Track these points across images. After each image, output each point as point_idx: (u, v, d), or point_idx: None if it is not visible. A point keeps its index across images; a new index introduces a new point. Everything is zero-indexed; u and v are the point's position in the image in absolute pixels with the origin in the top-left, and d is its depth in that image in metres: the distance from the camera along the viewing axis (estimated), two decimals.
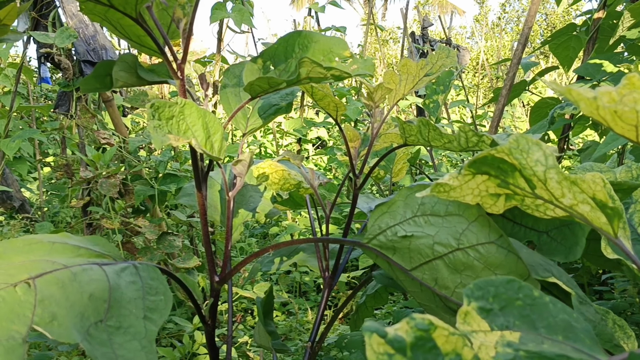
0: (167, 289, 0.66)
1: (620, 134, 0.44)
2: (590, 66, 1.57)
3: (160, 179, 1.77)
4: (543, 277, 0.62)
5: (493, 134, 1.12)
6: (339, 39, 0.83)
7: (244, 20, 2.66)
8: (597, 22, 1.65)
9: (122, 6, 0.71)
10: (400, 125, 0.85)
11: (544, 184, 0.53)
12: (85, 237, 0.70)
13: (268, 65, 0.86)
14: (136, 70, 0.84)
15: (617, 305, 1.46)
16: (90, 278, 0.59)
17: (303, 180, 0.98)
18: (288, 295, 2.42)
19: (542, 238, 0.76)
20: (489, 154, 0.55)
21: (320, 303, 1.01)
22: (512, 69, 1.11)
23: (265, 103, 0.97)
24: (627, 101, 0.41)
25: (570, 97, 0.43)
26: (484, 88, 10.81)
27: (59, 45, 1.67)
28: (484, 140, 0.74)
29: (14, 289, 0.52)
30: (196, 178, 0.84)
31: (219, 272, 0.87)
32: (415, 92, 4.53)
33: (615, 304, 1.47)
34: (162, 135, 0.70)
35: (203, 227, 0.85)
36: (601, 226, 0.53)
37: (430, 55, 0.99)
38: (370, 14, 3.84)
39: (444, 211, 0.66)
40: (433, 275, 0.65)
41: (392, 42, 21.13)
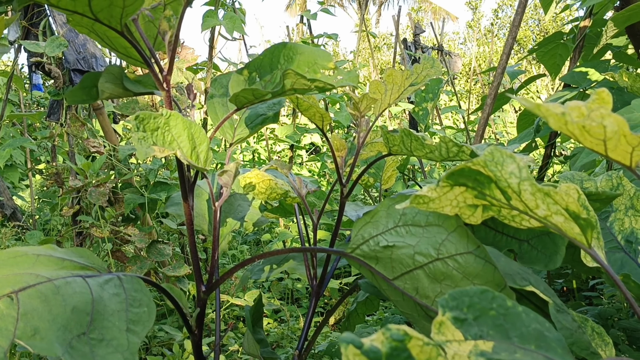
0: (150, 300, 0.66)
1: (589, 148, 0.45)
2: (576, 74, 1.58)
3: (151, 187, 1.77)
4: (521, 286, 0.63)
5: (478, 142, 1.14)
6: (323, 51, 0.84)
7: (235, 28, 2.67)
8: (583, 30, 1.67)
9: (107, 20, 0.72)
10: (384, 136, 0.87)
11: (518, 195, 0.54)
12: (70, 249, 0.71)
13: (254, 76, 0.87)
14: (122, 82, 0.85)
15: (604, 311, 1.47)
16: (74, 291, 0.60)
17: (290, 190, 0.99)
18: (280, 302, 2.43)
19: (523, 246, 0.78)
20: (466, 166, 0.56)
21: (309, 311, 1.01)
22: (496, 79, 1.12)
23: (252, 113, 0.98)
24: (594, 116, 0.43)
25: (539, 112, 0.44)
26: (476, 94, 10.86)
27: (49, 54, 1.68)
28: (464, 151, 0.75)
29: None
30: (182, 188, 0.85)
31: (206, 282, 0.88)
32: (408, 98, 4.55)
33: (603, 310, 1.48)
34: (146, 147, 0.71)
35: (190, 237, 0.86)
36: (575, 237, 0.54)
37: (415, 65, 1.00)
38: (362, 21, 3.86)
39: (425, 221, 0.67)
40: (414, 285, 0.66)
41: (385, 48, 21.21)
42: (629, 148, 0.44)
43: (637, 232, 0.80)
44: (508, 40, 1.13)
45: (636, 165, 0.46)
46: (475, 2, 22.71)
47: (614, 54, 1.76)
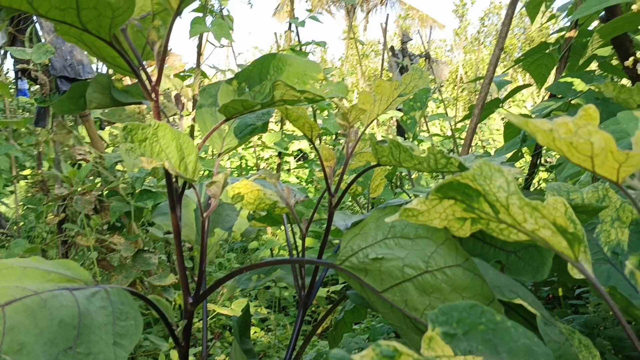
0: (137, 313, 0.66)
1: (576, 164, 0.46)
2: (561, 84, 1.60)
3: (137, 195, 1.76)
4: (509, 299, 0.64)
5: (466, 152, 1.14)
6: (312, 62, 0.84)
7: (223, 35, 2.66)
8: (569, 41, 1.69)
9: (96, 30, 0.71)
10: (372, 147, 0.87)
11: (506, 209, 0.54)
12: (57, 261, 0.70)
13: (243, 86, 0.87)
14: (110, 92, 0.84)
15: (590, 319, 1.49)
16: (61, 304, 0.59)
17: (279, 200, 0.99)
18: (267, 311, 2.42)
19: (511, 258, 0.78)
20: (455, 179, 0.56)
21: (297, 322, 1.01)
22: (483, 89, 1.13)
23: (241, 123, 0.98)
24: (582, 133, 0.43)
25: (527, 128, 0.44)
26: (463, 101, 10.93)
27: (35, 61, 1.66)
28: (452, 162, 0.75)
29: None
30: (170, 199, 0.85)
31: (193, 293, 0.87)
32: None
33: (589, 319, 1.49)
34: (134, 158, 0.70)
35: (177, 249, 0.85)
36: (562, 250, 0.55)
37: (404, 76, 1.01)
38: (350, 29, 3.87)
39: (414, 234, 0.67)
40: (403, 297, 0.66)
41: (373, 55, 21.30)
42: (615, 164, 0.44)
43: (623, 244, 0.81)
44: (495, 52, 1.14)
45: (623, 181, 0.46)
46: (461, 11, 22.90)
47: (600, 64, 1.78)
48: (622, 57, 1.28)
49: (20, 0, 0.64)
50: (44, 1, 0.64)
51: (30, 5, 0.65)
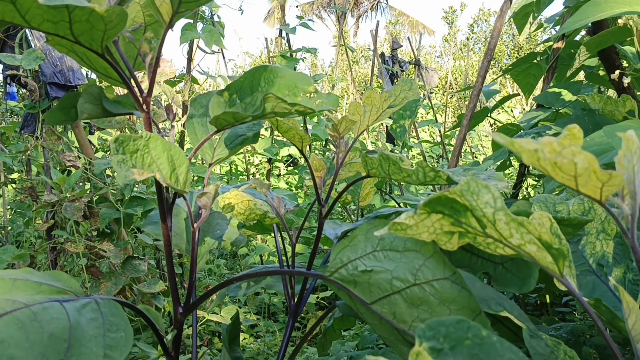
0: (127, 325, 0.66)
1: (560, 183, 0.47)
2: (549, 94, 1.62)
3: (127, 201, 1.76)
4: (495, 311, 0.65)
5: (454, 162, 1.16)
6: (303, 75, 0.85)
7: (214, 41, 2.67)
8: (556, 51, 1.71)
9: (88, 42, 0.72)
10: (362, 158, 0.88)
11: (493, 224, 0.55)
12: (47, 273, 0.70)
13: (234, 98, 0.87)
14: (101, 102, 0.85)
15: (576, 328, 1.50)
16: (51, 317, 0.60)
17: (269, 210, 1.00)
18: (257, 317, 2.42)
19: (498, 269, 0.79)
20: (443, 195, 0.57)
21: (286, 330, 1.02)
22: (472, 100, 1.15)
23: (231, 133, 0.99)
24: (565, 153, 0.44)
25: (512, 148, 0.46)
26: (453, 107, 10.99)
27: (25, 67, 1.66)
28: (440, 176, 0.76)
29: None
30: (161, 210, 0.85)
31: (183, 303, 0.87)
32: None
33: (575, 327, 1.50)
34: (125, 170, 0.71)
35: (167, 260, 0.86)
36: (547, 265, 0.56)
37: (393, 87, 1.02)
38: (340, 35, 3.89)
39: (402, 247, 0.68)
40: (392, 309, 0.67)
41: (363, 60, 21.37)
42: (599, 184, 0.45)
43: (608, 256, 0.82)
44: (483, 63, 1.15)
45: (606, 199, 0.47)
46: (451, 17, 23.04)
47: (587, 75, 1.80)
48: (609, 69, 1.30)
49: (13, 13, 0.64)
50: (37, 15, 0.65)
51: (23, 18, 0.65)
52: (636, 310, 0.53)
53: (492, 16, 22.69)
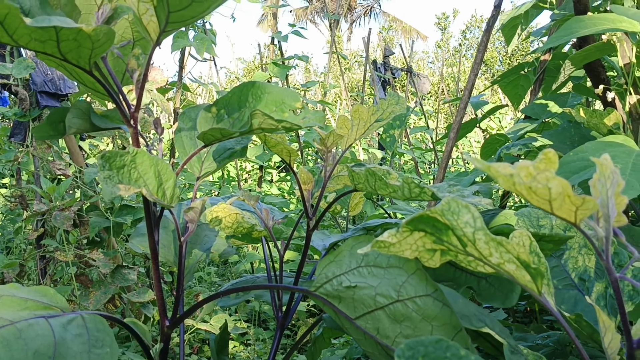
0: (113, 340, 0.67)
1: (536, 206, 0.48)
2: (536, 106, 1.64)
3: (116, 210, 1.76)
4: (477, 327, 0.66)
5: (441, 175, 1.17)
6: (291, 91, 0.86)
7: (206, 49, 2.68)
8: (543, 64, 1.73)
9: (75, 60, 0.72)
10: (349, 173, 0.89)
11: (473, 243, 0.56)
12: (33, 288, 0.71)
13: (222, 113, 0.88)
14: (90, 117, 0.85)
15: (563, 337, 1.51)
16: (36, 333, 0.60)
17: (257, 223, 1.00)
18: (247, 325, 2.42)
19: (482, 283, 0.80)
20: (425, 214, 0.58)
21: (273, 343, 1.02)
22: (459, 113, 1.16)
23: (220, 147, 0.99)
24: (540, 179, 0.45)
25: (489, 172, 0.47)
26: (444, 113, 11.03)
27: (16, 76, 1.66)
28: (425, 192, 0.77)
29: None
30: (148, 223, 0.86)
31: (170, 316, 0.88)
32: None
33: (562, 336, 1.51)
34: (111, 186, 0.71)
35: (154, 273, 0.86)
36: (526, 284, 0.57)
37: (381, 101, 1.03)
38: (333, 43, 3.91)
39: (386, 263, 0.69)
40: (375, 325, 0.68)
41: (356, 65, 21.42)
42: (573, 207, 0.46)
43: (590, 271, 0.83)
44: (470, 77, 1.17)
45: (580, 222, 0.48)
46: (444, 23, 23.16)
47: (574, 86, 1.82)
48: (594, 82, 1.32)
49: (1, 32, 0.64)
50: (24, 34, 0.65)
51: (11, 37, 0.66)
52: (612, 329, 0.55)
53: (484, 22, 22.85)
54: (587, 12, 1.30)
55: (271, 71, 3.22)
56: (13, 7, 0.61)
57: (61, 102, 1.89)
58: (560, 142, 1.37)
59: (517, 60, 18.80)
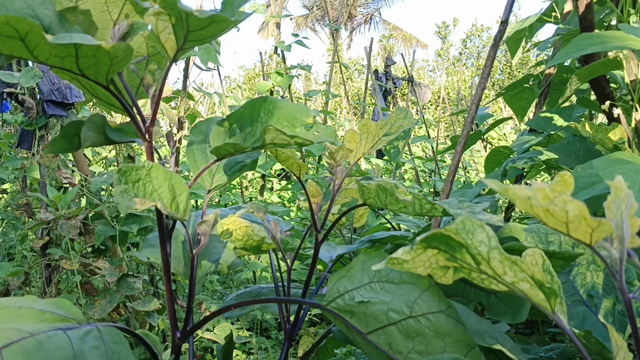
0: (129, 352, 0.67)
1: (553, 228, 0.49)
2: (541, 119, 1.65)
3: (122, 219, 1.77)
4: (489, 344, 0.66)
5: (448, 190, 1.18)
6: (302, 106, 0.87)
7: (210, 59, 2.69)
8: (548, 77, 1.74)
9: (93, 76, 0.74)
10: (359, 188, 0.90)
11: (487, 262, 0.57)
12: (50, 300, 0.71)
13: (234, 128, 0.89)
14: (104, 131, 0.86)
15: (567, 350, 1.52)
16: (55, 345, 0.61)
17: (266, 236, 1.01)
18: (249, 333, 2.42)
19: (491, 299, 0.81)
20: (439, 232, 0.59)
21: (281, 355, 1.03)
22: (466, 127, 1.17)
23: (230, 160, 1.00)
24: (557, 202, 0.46)
25: (507, 195, 0.48)
26: (445, 122, 11.07)
27: (23, 84, 1.67)
28: (437, 208, 0.78)
29: None
30: (160, 236, 0.86)
31: (180, 328, 0.89)
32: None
33: (566, 349, 1.52)
34: (128, 199, 0.72)
35: (166, 284, 0.87)
36: (540, 302, 0.58)
37: (389, 115, 1.04)
38: (335, 52, 3.93)
39: (398, 279, 0.70)
40: (387, 340, 0.69)
41: (357, 73, 21.47)
42: (588, 229, 0.47)
43: (598, 287, 0.84)
44: (477, 91, 1.18)
45: (596, 244, 0.49)
46: (444, 32, 23.27)
47: (578, 99, 1.83)
48: (600, 97, 1.33)
49: (22, 49, 0.66)
50: (44, 50, 0.66)
51: (31, 53, 0.67)
52: (624, 348, 0.55)
53: (484, 32, 22.93)
54: (593, 28, 1.31)
55: (274, 81, 3.24)
56: (35, 25, 0.62)
57: (67, 110, 1.90)
58: (566, 155, 1.38)
59: (517, 70, 18.88)
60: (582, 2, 1.31)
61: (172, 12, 0.68)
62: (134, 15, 0.82)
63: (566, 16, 1.73)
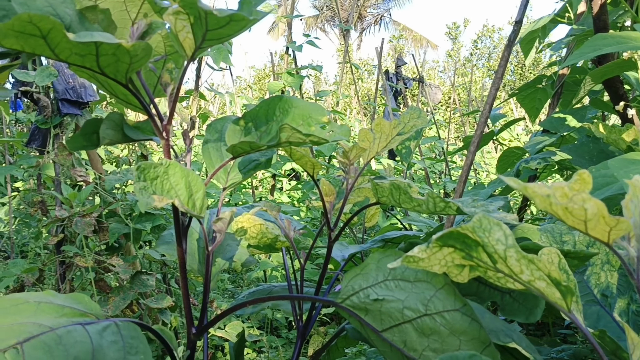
0: (147, 347, 0.68)
1: (571, 226, 0.49)
2: (554, 120, 1.65)
3: (136, 217, 1.78)
4: (504, 343, 0.67)
5: (461, 189, 1.18)
6: (317, 105, 0.88)
7: (222, 59, 2.71)
8: (561, 78, 1.74)
9: (113, 74, 0.75)
10: (373, 186, 0.90)
11: (504, 260, 0.58)
12: (69, 295, 0.72)
13: (250, 126, 0.90)
14: (122, 128, 0.87)
15: (579, 351, 1.51)
16: (75, 340, 0.62)
17: (280, 234, 1.02)
18: (260, 332, 2.43)
19: (505, 298, 0.81)
20: (455, 230, 0.60)
21: (294, 353, 1.03)
22: (479, 127, 1.17)
23: (245, 158, 1.01)
24: (576, 200, 0.46)
25: (526, 193, 0.48)
26: (455, 123, 11.04)
27: (39, 83, 1.69)
28: (451, 207, 0.79)
29: (4, 355, 0.54)
30: (177, 233, 0.87)
31: (196, 324, 0.89)
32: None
33: (578, 350, 1.52)
34: (146, 197, 0.73)
35: (182, 281, 0.88)
36: (556, 301, 0.58)
37: (402, 115, 1.04)
38: (346, 53, 3.94)
39: (413, 277, 0.70)
40: (402, 338, 0.69)
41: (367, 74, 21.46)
42: (607, 228, 0.48)
43: (612, 287, 0.84)
44: (491, 91, 1.18)
45: (613, 242, 0.50)
46: (454, 33, 23.20)
47: (591, 100, 1.83)
48: (613, 98, 1.33)
49: (43, 47, 0.67)
50: (65, 49, 0.67)
51: (52, 51, 0.68)
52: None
53: (495, 32, 22.83)
54: (607, 28, 1.31)
55: (285, 81, 3.25)
56: (57, 23, 0.63)
57: (82, 109, 1.92)
58: (579, 156, 1.37)
59: (529, 71, 18.79)
60: (596, 3, 1.30)
61: (191, 11, 0.69)
62: (152, 14, 0.83)
63: (579, 17, 1.72)
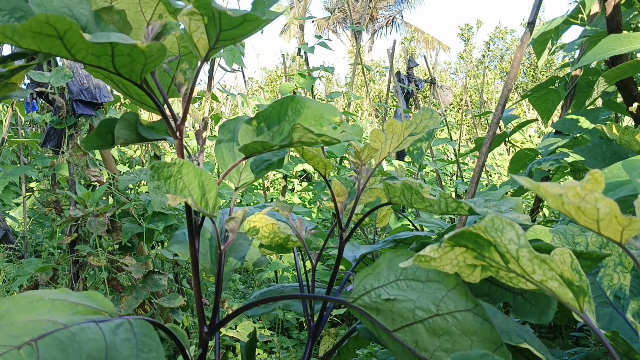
0: (159, 345, 0.69)
1: (583, 226, 0.49)
2: (567, 121, 1.64)
3: (149, 217, 1.80)
4: (516, 343, 0.67)
5: (473, 190, 1.18)
6: (329, 106, 0.88)
7: (235, 60, 2.72)
8: (574, 79, 1.73)
9: (128, 74, 0.75)
10: (385, 187, 0.90)
11: (516, 260, 0.58)
12: (83, 293, 0.73)
13: (262, 126, 0.90)
14: (137, 128, 0.88)
15: (591, 354, 1.51)
16: (89, 337, 0.63)
17: (292, 234, 1.02)
18: (271, 333, 2.44)
19: (517, 299, 0.81)
20: (467, 230, 0.60)
21: (305, 353, 1.04)
22: (492, 128, 1.17)
23: (257, 158, 1.02)
24: (589, 199, 0.46)
25: (538, 192, 0.48)
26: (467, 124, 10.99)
27: (54, 84, 1.71)
28: (463, 207, 0.79)
29: (18, 351, 0.55)
30: (190, 232, 0.88)
31: (208, 323, 0.90)
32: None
33: (590, 353, 1.51)
34: (160, 195, 0.74)
35: (194, 280, 0.89)
36: (568, 301, 0.58)
37: (414, 115, 1.04)
38: (357, 54, 3.94)
39: (425, 277, 0.71)
40: (414, 338, 0.69)
41: (378, 76, 21.43)
42: (619, 227, 0.48)
43: (625, 288, 0.84)
44: (504, 92, 1.18)
45: (626, 242, 0.49)
46: (467, 35, 23.11)
47: (604, 101, 1.82)
48: (626, 99, 1.32)
49: (59, 48, 0.68)
50: (81, 49, 0.68)
51: (69, 52, 0.69)
52: None
53: (508, 34, 22.71)
54: (621, 29, 1.30)
55: (297, 82, 3.25)
56: (74, 24, 0.64)
57: (96, 110, 1.94)
58: (592, 158, 1.37)
59: (541, 72, 18.67)
60: (610, 4, 1.30)
61: (205, 11, 0.69)
62: (167, 15, 0.84)
63: (593, 18, 1.71)
